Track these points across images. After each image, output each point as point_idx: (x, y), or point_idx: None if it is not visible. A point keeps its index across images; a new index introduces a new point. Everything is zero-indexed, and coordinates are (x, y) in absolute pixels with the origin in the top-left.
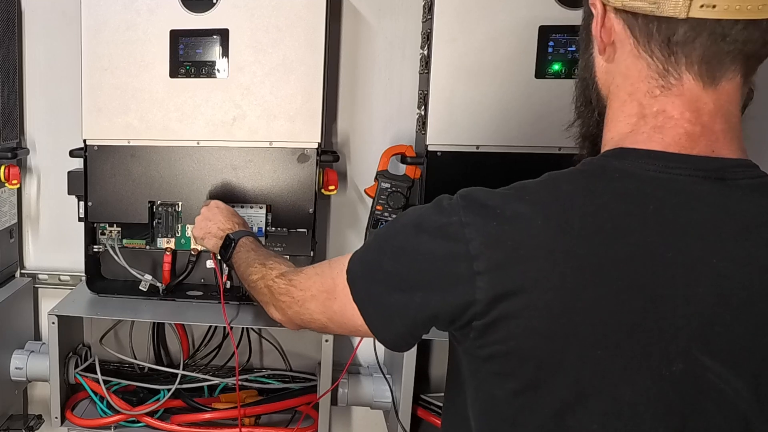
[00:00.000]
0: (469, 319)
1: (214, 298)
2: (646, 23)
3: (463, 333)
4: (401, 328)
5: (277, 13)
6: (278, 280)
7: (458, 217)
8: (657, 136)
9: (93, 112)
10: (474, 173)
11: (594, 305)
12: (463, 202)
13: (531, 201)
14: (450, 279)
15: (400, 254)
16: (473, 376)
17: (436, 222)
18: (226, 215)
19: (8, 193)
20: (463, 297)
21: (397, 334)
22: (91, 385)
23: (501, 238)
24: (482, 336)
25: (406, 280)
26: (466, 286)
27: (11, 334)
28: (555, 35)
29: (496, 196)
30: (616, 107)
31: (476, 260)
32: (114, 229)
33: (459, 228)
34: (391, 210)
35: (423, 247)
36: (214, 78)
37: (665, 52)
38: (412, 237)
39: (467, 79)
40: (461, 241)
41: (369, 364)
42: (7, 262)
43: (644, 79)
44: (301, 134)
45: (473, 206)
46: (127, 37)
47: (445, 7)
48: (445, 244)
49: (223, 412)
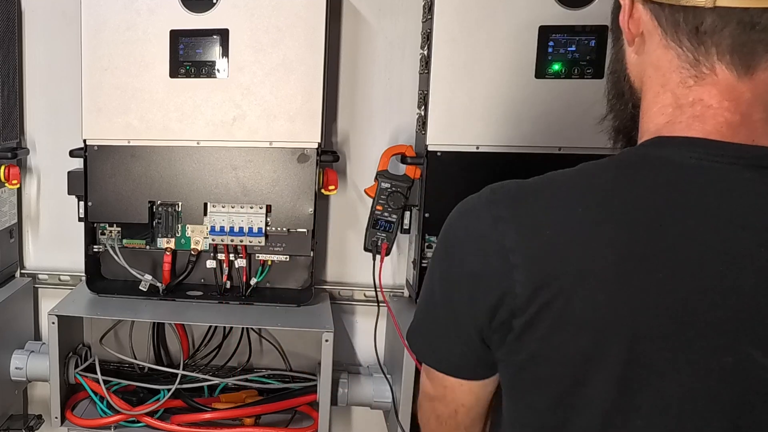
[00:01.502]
0: (509, 317)
1: (214, 298)
2: (673, 13)
3: (501, 335)
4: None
5: (277, 13)
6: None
7: (489, 212)
8: (697, 124)
9: (93, 112)
10: (474, 173)
11: (638, 296)
12: (493, 196)
13: (568, 190)
14: (487, 278)
15: (437, 270)
16: (511, 385)
17: (465, 225)
18: None
19: (8, 193)
20: (502, 292)
21: (452, 354)
22: (91, 385)
23: (538, 229)
24: (522, 334)
25: (443, 291)
26: (504, 280)
27: (11, 334)
28: (555, 35)
29: (529, 187)
30: (650, 98)
31: (512, 253)
32: (114, 229)
33: (490, 223)
34: (391, 210)
35: (454, 253)
36: (214, 78)
37: (694, 42)
38: (443, 247)
39: (467, 79)
40: (494, 236)
41: (369, 364)
42: (7, 262)
43: (676, 70)
44: (301, 134)
45: (506, 199)
46: (127, 37)
47: (445, 7)
48: (476, 244)
49: (223, 412)
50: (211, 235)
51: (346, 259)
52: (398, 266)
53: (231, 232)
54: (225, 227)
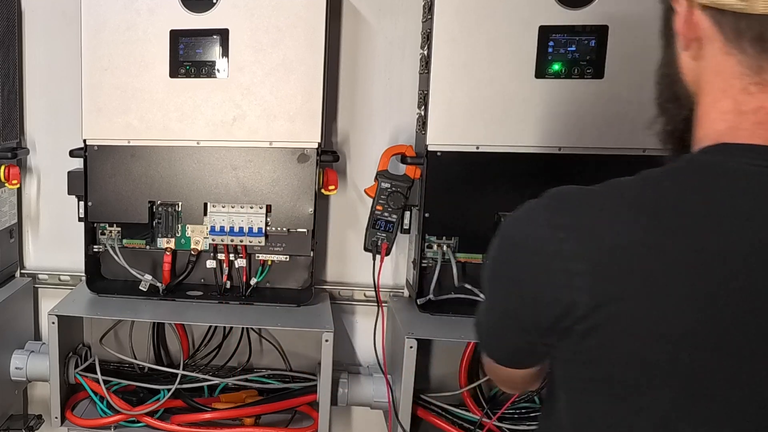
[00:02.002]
0: (570, 324)
1: (214, 298)
2: (736, 20)
3: (560, 339)
4: (511, 343)
5: (277, 13)
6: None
7: (548, 219)
8: (761, 131)
9: (93, 112)
10: (474, 173)
11: (702, 304)
12: (553, 202)
13: (630, 198)
14: (546, 285)
15: (494, 271)
16: (569, 385)
17: (523, 229)
18: None
19: (8, 193)
20: (563, 300)
21: (507, 350)
22: (91, 385)
23: (600, 238)
24: (582, 340)
25: (503, 294)
26: (565, 288)
27: (11, 334)
28: (555, 35)
29: (589, 194)
30: (708, 103)
31: (573, 261)
32: (114, 229)
33: (549, 230)
34: (391, 210)
35: (511, 258)
36: (214, 78)
37: (757, 48)
38: (500, 248)
39: (467, 79)
40: (553, 244)
41: (369, 364)
42: (7, 262)
43: (737, 76)
44: (301, 134)
45: (566, 206)
46: (127, 37)
47: (445, 7)
48: (535, 250)
49: (223, 412)
50: (211, 235)
51: (346, 259)
52: (398, 266)
53: (231, 232)
54: (225, 227)
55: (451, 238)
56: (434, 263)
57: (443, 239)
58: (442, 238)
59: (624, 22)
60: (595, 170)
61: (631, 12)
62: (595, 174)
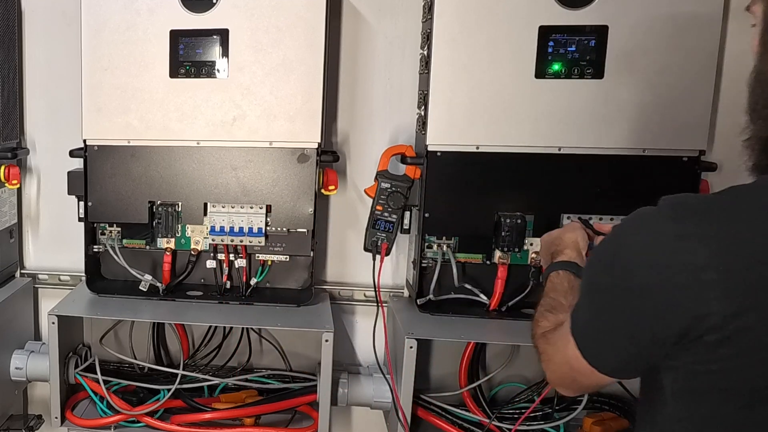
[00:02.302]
0: (701, 334)
1: (214, 298)
2: None
3: (686, 349)
4: (622, 353)
5: (277, 13)
6: (540, 340)
7: (672, 229)
8: None
9: (93, 112)
10: (474, 173)
11: None
12: (675, 212)
13: (757, 206)
14: (675, 295)
15: (608, 279)
16: (688, 395)
17: (643, 239)
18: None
19: (8, 193)
20: (694, 311)
21: (619, 359)
22: (91, 385)
23: (732, 246)
24: (713, 350)
25: (620, 304)
26: (697, 299)
27: (11, 334)
28: (555, 35)
29: (714, 202)
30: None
31: (704, 271)
32: (114, 229)
33: (676, 240)
34: (391, 210)
35: (632, 267)
36: (214, 78)
37: None
38: (617, 258)
39: (467, 79)
40: (682, 254)
41: (369, 364)
42: (7, 262)
43: None
44: (301, 134)
45: (690, 215)
46: (127, 37)
47: (445, 7)
48: (660, 259)
49: (223, 412)
50: (211, 235)
51: (346, 259)
52: (398, 266)
53: (231, 232)
54: (225, 227)
55: (451, 238)
56: (434, 263)
57: (443, 239)
58: (442, 238)
59: (624, 22)
60: (595, 170)
61: (631, 12)
62: (595, 174)
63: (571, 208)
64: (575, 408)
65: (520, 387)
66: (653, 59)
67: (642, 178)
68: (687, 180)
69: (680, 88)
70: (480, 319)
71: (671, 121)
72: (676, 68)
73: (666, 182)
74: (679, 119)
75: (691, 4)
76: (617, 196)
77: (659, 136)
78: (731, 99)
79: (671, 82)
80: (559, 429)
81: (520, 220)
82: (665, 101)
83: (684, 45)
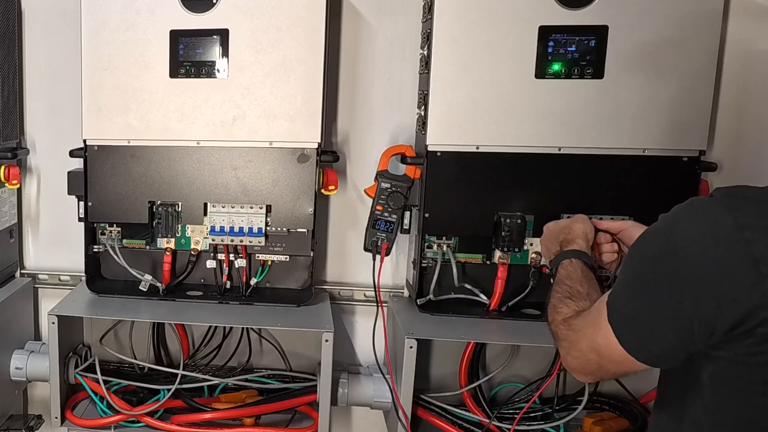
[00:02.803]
0: (754, 326)
1: (214, 298)
2: None
3: (736, 340)
4: (665, 342)
5: (277, 13)
6: (561, 326)
7: (730, 219)
8: None
9: (93, 112)
10: (474, 173)
11: None
12: (734, 202)
13: None
14: (732, 285)
15: (658, 267)
16: (725, 383)
17: (700, 228)
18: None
19: (8, 193)
20: (749, 302)
21: (662, 348)
22: (91, 385)
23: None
24: (764, 342)
25: (670, 292)
26: (754, 290)
27: (11, 334)
28: (555, 35)
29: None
30: None
31: (763, 263)
32: (114, 229)
33: (734, 231)
34: (391, 210)
35: (686, 256)
36: (214, 78)
37: None
38: (670, 246)
39: (467, 79)
40: (740, 244)
41: (369, 364)
42: (7, 262)
43: None
44: (301, 134)
45: (750, 206)
46: (127, 37)
47: (445, 7)
48: (717, 249)
49: (223, 412)
50: (211, 235)
51: (346, 259)
52: (398, 266)
53: (231, 232)
54: (225, 227)
55: (451, 238)
56: (434, 263)
57: (443, 239)
58: (442, 238)
59: (624, 22)
60: (595, 170)
61: (631, 12)
62: (595, 174)
63: (571, 208)
64: (575, 408)
65: (520, 387)
66: (653, 59)
67: (642, 178)
68: (687, 180)
69: (680, 88)
70: (480, 319)
71: (671, 121)
72: (676, 68)
73: (666, 182)
74: (679, 119)
75: (691, 4)
76: (617, 196)
77: (659, 136)
78: (731, 99)
79: (671, 82)
80: (559, 429)
81: (520, 220)
82: (665, 101)
83: (684, 45)
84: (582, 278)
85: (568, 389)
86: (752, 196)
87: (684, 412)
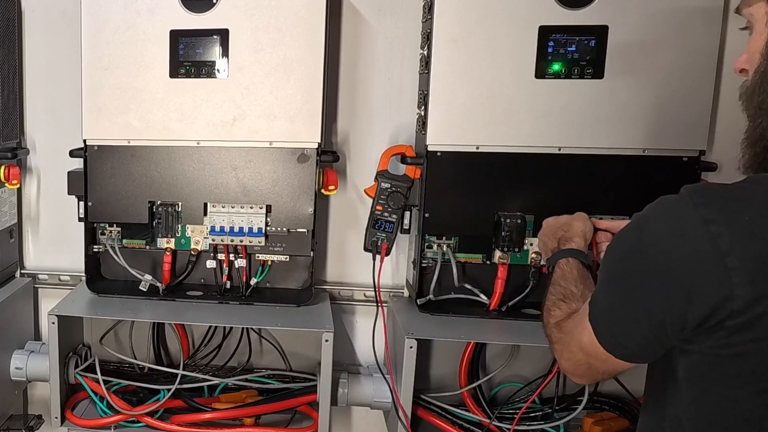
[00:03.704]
0: (723, 319)
1: (214, 298)
2: None
3: (707, 334)
4: (641, 338)
5: (277, 13)
6: (554, 329)
7: (696, 215)
8: None
9: (93, 112)
10: (474, 173)
11: None
12: (699, 198)
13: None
14: (699, 279)
15: (630, 264)
16: (703, 378)
17: (668, 225)
18: (569, 231)
19: (8, 193)
20: (718, 296)
21: (638, 344)
22: (91, 385)
23: (755, 231)
24: (734, 335)
25: (642, 288)
26: (721, 284)
27: (11, 334)
28: (555, 35)
29: (738, 190)
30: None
31: (728, 256)
32: (114, 229)
33: (700, 226)
34: (391, 210)
35: (656, 252)
36: (214, 78)
37: None
38: (641, 244)
39: (467, 79)
40: (706, 239)
41: (369, 364)
42: (7, 262)
43: None
44: (301, 134)
45: (715, 201)
46: (127, 37)
47: (445, 7)
48: (685, 245)
49: (223, 412)
50: (211, 235)
51: (346, 259)
52: (398, 266)
53: (231, 232)
54: (225, 227)
55: (451, 238)
56: (434, 263)
57: (443, 239)
58: (442, 238)
59: (624, 22)
60: (595, 170)
61: (631, 12)
62: (595, 174)
63: (571, 207)
64: (575, 408)
65: (520, 387)
66: (653, 59)
67: (642, 178)
68: (687, 180)
69: (680, 88)
70: (480, 319)
71: (671, 121)
72: (676, 68)
73: (666, 182)
74: (679, 119)
75: (691, 4)
76: (617, 196)
77: (659, 136)
78: (731, 99)
79: (671, 82)
80: (559, 429)
81: (520, 220)
82: (665, 101)
83: (684, 45)
84: (577, 278)
85: (568, 389)
86: (717, 191)
87: (665, 408)
